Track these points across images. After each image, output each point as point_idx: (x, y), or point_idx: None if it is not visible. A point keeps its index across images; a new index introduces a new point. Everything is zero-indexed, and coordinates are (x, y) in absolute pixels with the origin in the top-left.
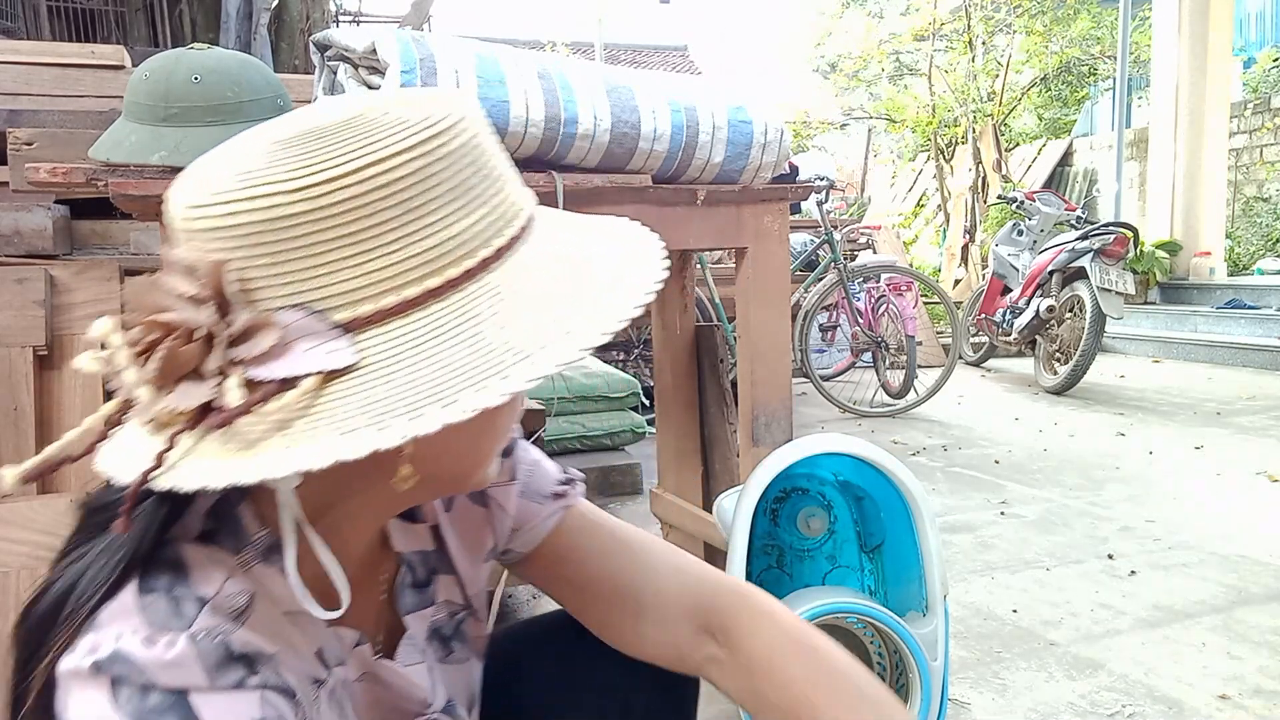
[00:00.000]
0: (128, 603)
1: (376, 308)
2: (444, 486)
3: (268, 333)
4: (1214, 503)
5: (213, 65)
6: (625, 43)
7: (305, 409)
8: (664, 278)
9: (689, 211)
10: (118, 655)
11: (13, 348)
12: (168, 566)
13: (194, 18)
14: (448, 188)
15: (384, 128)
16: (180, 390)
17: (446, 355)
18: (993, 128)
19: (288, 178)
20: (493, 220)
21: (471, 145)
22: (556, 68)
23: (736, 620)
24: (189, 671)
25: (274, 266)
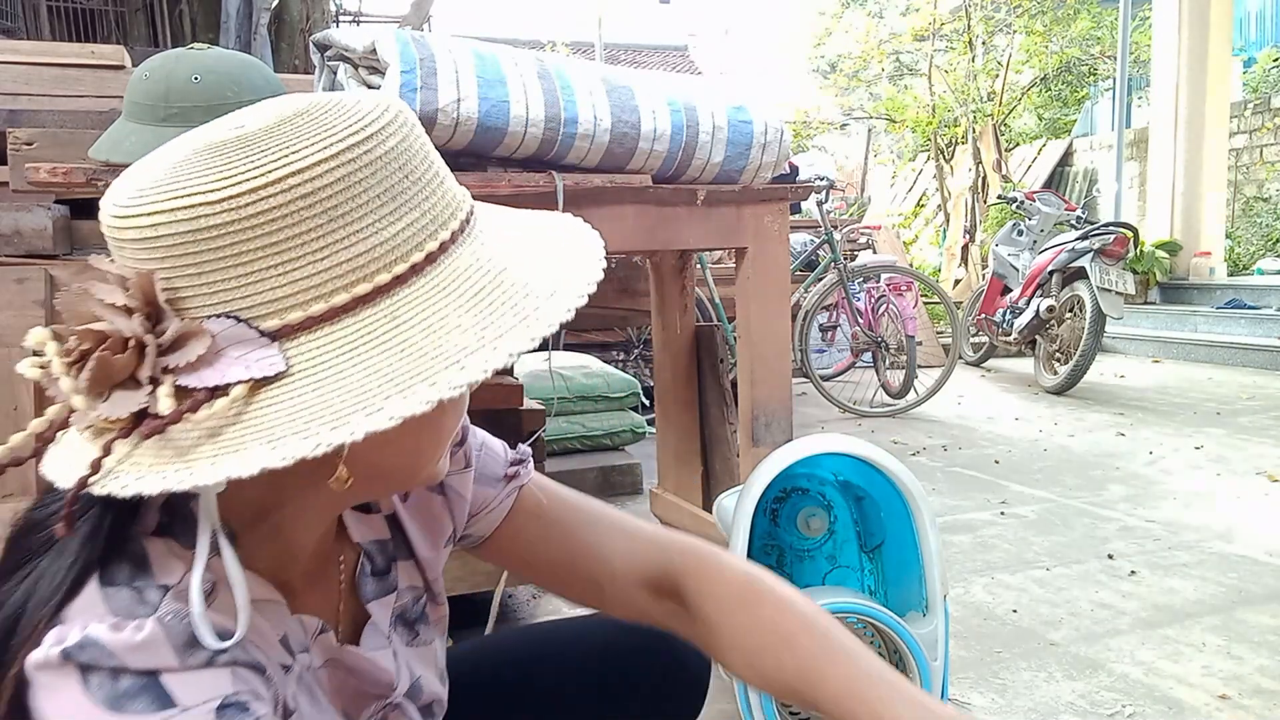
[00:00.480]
0: (91, 597)
1: (306, 315)
2: (389, 485)
3: (198, 341)
4: (1214, 503)
5: (213, 65)
6: (625, 43)
7: (236, 416)
8: (598, 279)
9: (689, 211)
10: (86, 641)
11: (13, 348)
12: (128, 560)
13: (194, 18)
14: (375, 194)
15: (307, 135)
16: (114, 398)
17: (375, 362)
18: (993, 128)
19: (211, 188)
20: (424, 225)
21: (399, 150)
22: (556, 67)
23: (685, 582)
24: (158, 652)
25: (201, 276)
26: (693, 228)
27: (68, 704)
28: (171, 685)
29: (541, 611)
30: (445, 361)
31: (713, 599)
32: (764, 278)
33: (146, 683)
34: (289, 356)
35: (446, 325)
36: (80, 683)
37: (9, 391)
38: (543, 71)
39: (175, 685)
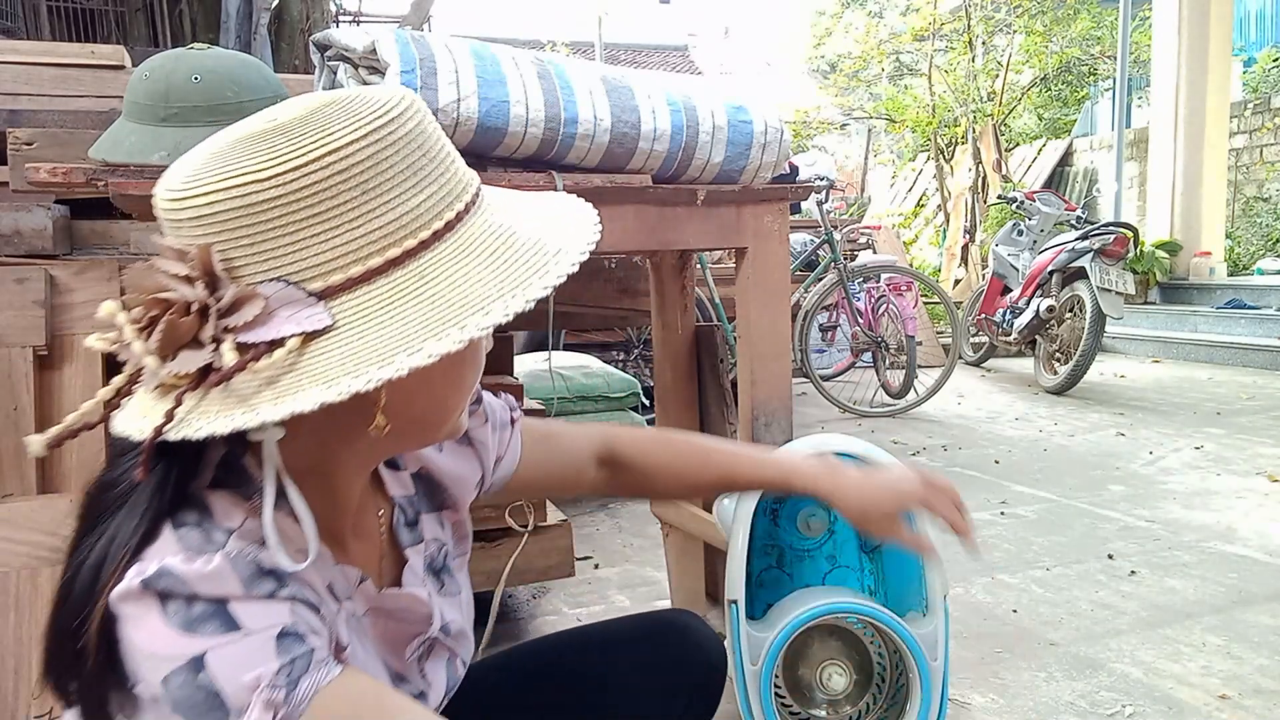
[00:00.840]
0: (166, 539)
1: (346, 276)
2: (417, 437)
3: (253, 303)
4: (1214, 503)
5: (213, 65)
6: (625, 43)
7: (291, 365)
8: (597, 238)
9: (689, 211)
10: (162, 571)
11: (13, 348)
12: (194, 507)
13: (194, 18)
14: (399, 169)
15: (338, 120)
16: (181, 358)
17: (410, 313)
18: (993, 128)
19: (259, 168)
20: (441, 196)
21: (417, 131)
22: (556, 67)
23: (618, 447)
24: (227, 582)
25: (253, 246)
26: (693, 228)
27: (149, 629)
28: (238, 612)
29: (540, 611)
30: (471, 309)
31: (639, 451)
32: (764, 278)
33: (216, 609)
34: (334, 313)
35: (469, 279)
36: (159, 610)
37: (9, 391)
38: (543, 71)
39: (241, 612)
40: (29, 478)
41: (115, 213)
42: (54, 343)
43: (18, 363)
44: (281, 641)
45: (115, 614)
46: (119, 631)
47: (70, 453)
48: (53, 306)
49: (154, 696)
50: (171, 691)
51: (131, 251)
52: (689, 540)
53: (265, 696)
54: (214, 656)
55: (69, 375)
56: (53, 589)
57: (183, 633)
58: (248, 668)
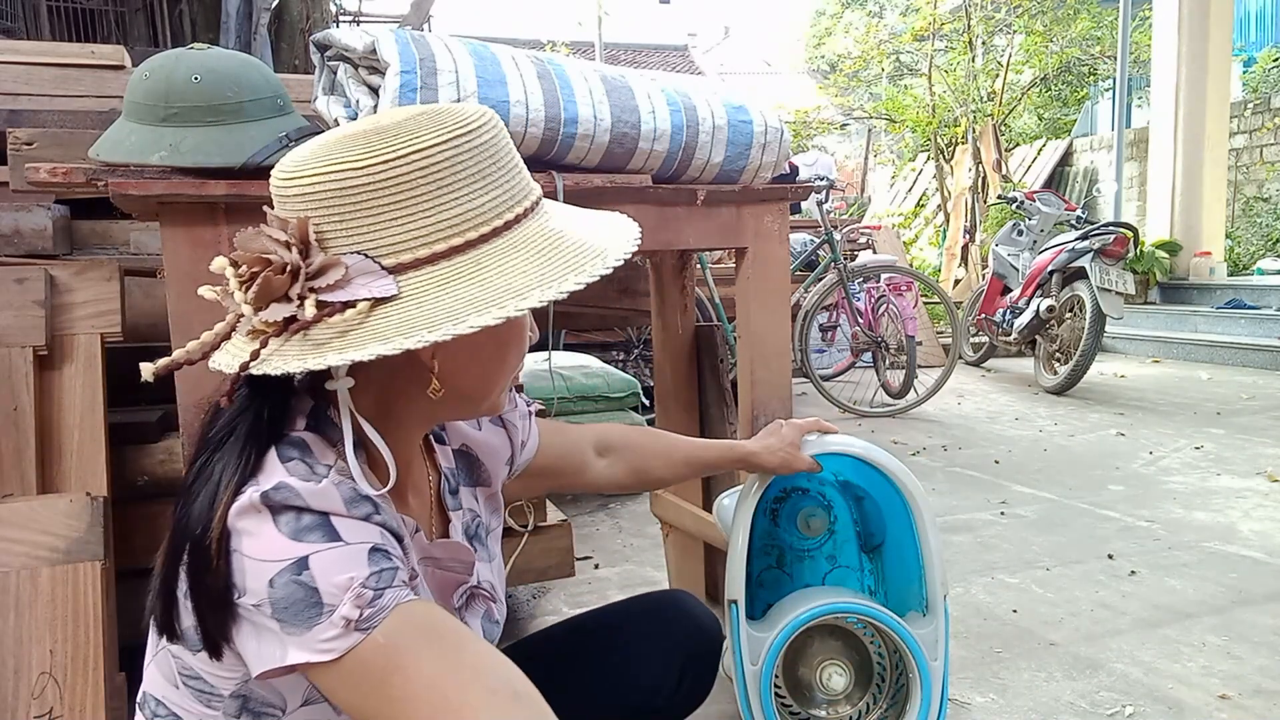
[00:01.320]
0: (273, 467)
1: (415, 257)
2: (465, 406)
3: (336, 269)
4: (1214, 502)
5: (213, 65)
6: (625, 43)
7: (360, 323)
8: (633, 249)
9: (689, 211)
10: (280, 484)
11: (13, 348)
12: (295, 445)
13: (194, 18)
14: (470, 173)
15: (425, 126)
16: (272, 308)
17: (462, 292)
18: (993, 128)
19: (355, 159)
20: (504, 199)
21: (490, 143)
22: (556, 67)
23: (609, 436)
24: (331, 500)
25: (342, 222)
26: (693, 228)
27: (263, 538)
28: (339, 526)
29: (541, 611)
30: (512, 294)
31: (624, 435)
32: (764, 278)
33: (321, 521)
34: (400, 285)
35: (516, 270)
36: (271, 521)
37: (9, 391)
38: (542, 71)
39: (341, 527)
40: (29, 478)
41: (115, 213)
42: (54, 343)
43: (18, 363)
44: (373, 556)
45: (231, 530)
46: (235, 548)
47: (70, 453)
48: (53, 306)
49: (257, 602)
50: (275, 590)
51: (131, 251)
52: (689, 540)
53: (355, 595)
54: (315, 559)
55: (69, 375)
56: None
57: (291, 539)
58: (343, 570)
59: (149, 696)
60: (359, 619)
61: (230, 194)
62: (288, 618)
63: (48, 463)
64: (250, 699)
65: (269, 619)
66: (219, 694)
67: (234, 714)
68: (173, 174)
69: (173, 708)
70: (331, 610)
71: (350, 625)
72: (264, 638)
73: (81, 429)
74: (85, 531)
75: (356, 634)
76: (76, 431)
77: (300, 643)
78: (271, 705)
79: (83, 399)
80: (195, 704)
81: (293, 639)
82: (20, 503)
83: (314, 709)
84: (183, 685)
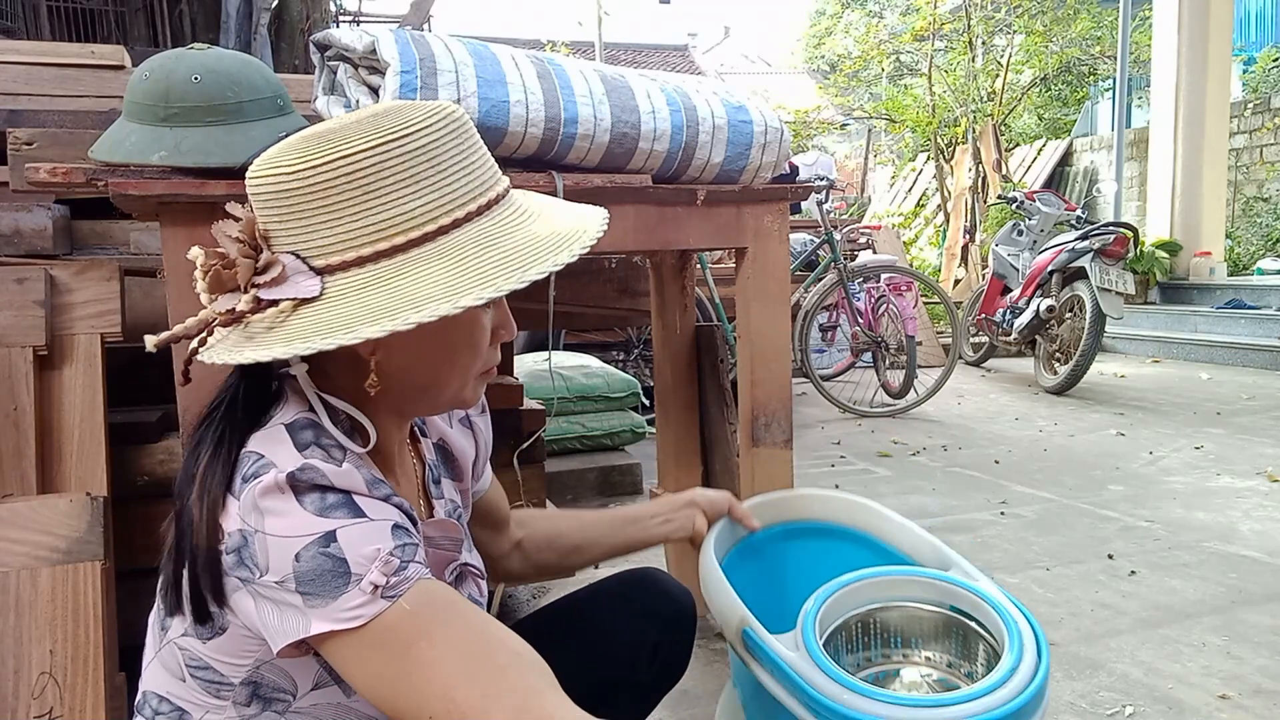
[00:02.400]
0: (289, 449)
1: (342, 259)
2: (423, 399)
3: (275, 267)
4: (1214, 502)
5: (213, 65)
6: (625, 43)
7: (282, 321)
8: (591, 244)
9: (689, 211)
10: (307, 465)
11: (13, 348)
12: (306, 428)
13: (194, 18)
14: (399, 178)
15: (359, 131)
16: (221, 299)
17: (371, 300)
18: (993, 128)
19: (292, 163)
20: (438, 203)
21: (427, 147)
22: (556, 67)
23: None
24: (354, 480)
25: (281, 223)
26: (693, 228)
27: (289, 517)
28: (362, 504)
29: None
30: (412, 306)
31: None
32: (764, 278)
33: (346, 499)
34: (326, 287)
35: (430, 279)
36: (297, 500)
37: (9, 391)
38: (542, 71)
39: (365, 505)
40: (29, 478)
41: (115, 213)
42: (54, 343)
43: (18, 363)
44: (395, 531)
45: (258, 508)
46: (254, 526)
47: (70, 453)
48: (53, 306)
49: (280, 579)
50: (302, 564)
51: (131, 251)
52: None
53: (382, 564)
54: (343, 533)
55: (69, 375)
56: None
57: (317, 515)
58: (370, 543)
59: (149, 695)
60: (386, 586)
61: (230, 194)
62: (313, 589)
63: (48, 463)
64: (261, 685)
65: (291, 593)
66: (229, 683)
67: (244, 702)
68: (173, 174)
69: (178, 702)
70: (359, 579)
71: (377, 592)
72: (285, 613)
73: (81, 429)
74: (85, 531)
75: (383, 601)
76: (76, 431)
77: (324, 613)
78: (282, 690)
79: (83, 399)
80: (203, 695)
81: (316, 610)
82: (20, 503)
83: (324, 692)
84: (190, 678)
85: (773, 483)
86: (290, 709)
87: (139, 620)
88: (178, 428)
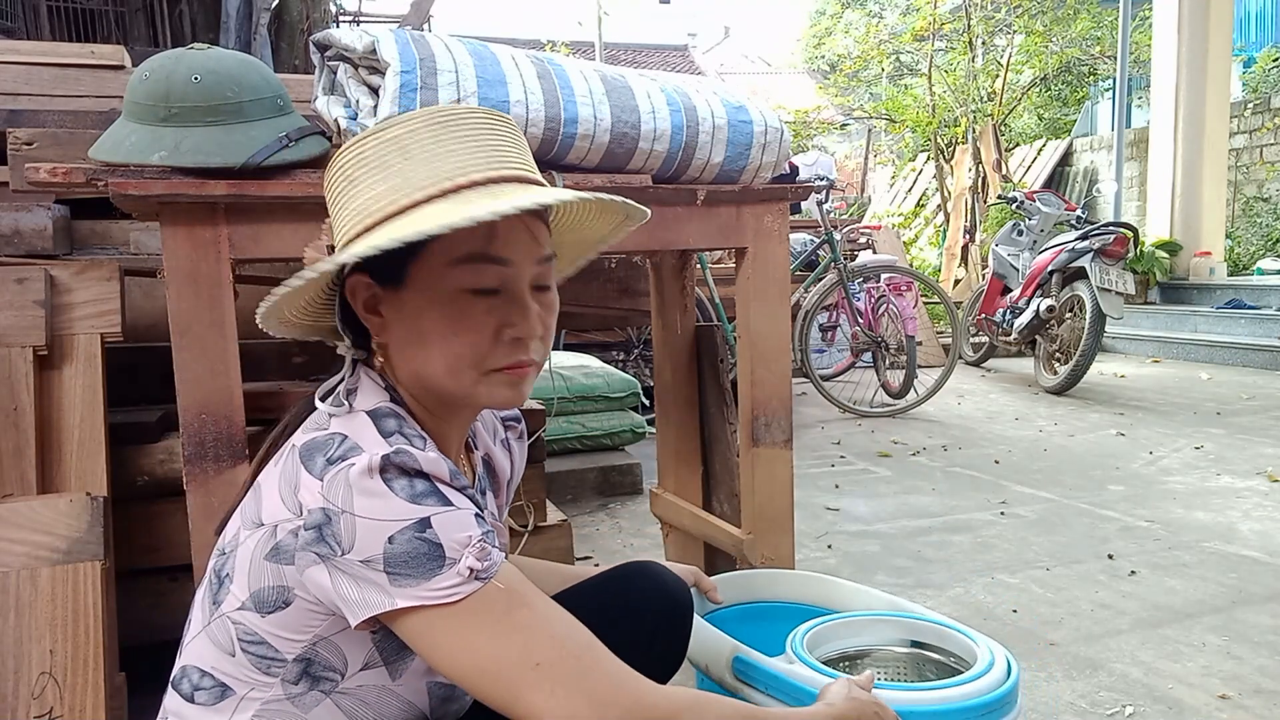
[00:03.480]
0: (374, 436)
1: (356, 231)
2: (433, 388)
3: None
4: (1214, 502)
5: (213, 65)
6: (625, 43)
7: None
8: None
9: (689, 211)
10: (402, 449)
11: (13, 348)
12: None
13: (194, 18)
14: (371, 167)
15: (374, 129)
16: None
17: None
18: (993, 128)
19: (335, 163)
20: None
21: (400, 136)
22: (556, 67)
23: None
24: (440, 469)
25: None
26: (693, 228)
27: (381, 500)
28: (448, 493)
29: None
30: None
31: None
32: (764, 278)
33: (433, 488)
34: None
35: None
36: (386, 485)
37: (9, 391)
38: (542, 71)
39: (450, 494)
40: (29, 478)
41: (115, 213)
42: (54, 343)
43: (18, 363)
44: (479, 519)
45: (350, 488)
46: (342, 506)
47: (70, 453)
48: (53, 306)
49: (367, 558)
50: (395, 546)
51: (131, 251)
52: (689, 540)
53: (477, 549)
54: (437, 519)
55: (69, 375)
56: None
57: (410, 502)
58: (462, 530)
59: (190, 670)
60: (479, 570)
61: (230, 194)
62: (404, 570)
63: (48, 463)
64: (314, 663)
65: (377, 572)
66: (282, 659)
67: (293, 680)
68: (173, 174)
69: (221, 678)
70: (454, 562)
71: (472, 574)
72: (365, 589)
73: (81, 429)
74: (85, 531)
75: (477, 582)
76: (76, 431)
77: (411, 592)
78: (333, 669)
79: (83, 399)
80: (251, 671)
81: (402, 589)
82: (20, 503)
83: (372, 674)
84: (241, 652)
85: (773, 482)
86: (336, 689)
87: (139, 620)
88: (178, 428)
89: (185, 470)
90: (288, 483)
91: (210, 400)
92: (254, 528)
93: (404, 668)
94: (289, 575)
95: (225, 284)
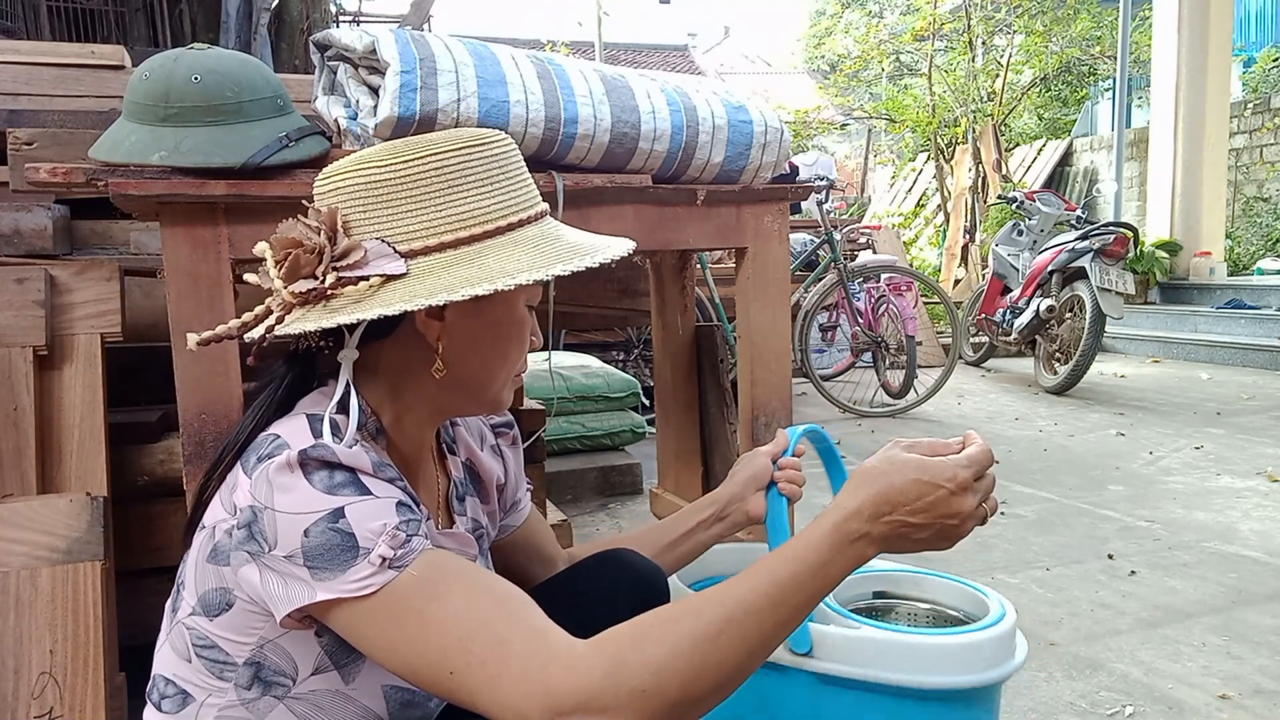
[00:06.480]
0: (302, 427)
1: (425, 244)
2: (469, 395)
3: (356, 251)
4: (1214, 502)
5: (213, 65)
6: (625, 43)
7: (371, 294)
8: (625, 253)
9: (689, 211)
10: (319, 444)
11: (13, 348)
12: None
13: (194, 18)
14: (478, 177)
15: (445, 138)
16: (299, 283)
17: (462, 273)
18: (993, 128)
19: (380, 159)
20: (508, 204)
21: (499, 155)
22: (556, 67)
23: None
24: (361, 460)
25: (366, 213)
26: (693, 228)
27: (298, 493)
28: (368, 483)
29: None
30: (504, 275)
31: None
32: (764, 278)
33: (352, 478)
34: (410, 267)
35: (511, 259)
36: (305, 478)
37: (9, 391)
38: (542, 71)
39: (370, 484)
40: (29, 478)
41: (115, 213)
42: (54, 343)
43: (18, 363)
44: (400, 509)
45: (269, 485)
46: (264, 503)
47: (70, 453)
48: (53, 306)
49: (289, 553)
50: (311, 539)
51: (131, 251)
52: None
53: (389, 538)
54: (351, 509)
55: (69, 375)
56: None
57: (326, 493)
58: (376, 518)
59: (158, 679)
60: (393, 558)
61: (230, 194)
62: (321, 563)
63: (48, 463)
64: (263, 667)
65: (299, 567)
66: (232, 662)
67: (245, 684)
68: (173, 174)
69: (182, 685)
70: (367, 552)
71: (385, 564)
72: (290, 584)
73: (81, 429)
74: (85, 531)
75: (390, 572)
76: (76, 431)
77: (331, 585)
78: (283, 674)
79: (83, 399)
80: (207, 677)
81: (323, 582)
82: (20, 503)
83: (323, 678)
84: (196, 658)
85: None
86: (289, 694)
87: (139, 620)
88: (178, 428)
89: (185, 470)
90: (228, 484)
91: (210, 400)
92: (200, 531)
93: (356, 671)
94: (227, 576)
95: (225, 284)
